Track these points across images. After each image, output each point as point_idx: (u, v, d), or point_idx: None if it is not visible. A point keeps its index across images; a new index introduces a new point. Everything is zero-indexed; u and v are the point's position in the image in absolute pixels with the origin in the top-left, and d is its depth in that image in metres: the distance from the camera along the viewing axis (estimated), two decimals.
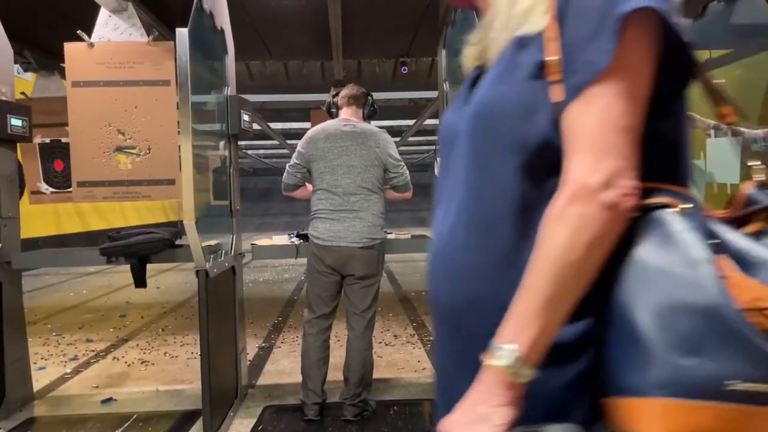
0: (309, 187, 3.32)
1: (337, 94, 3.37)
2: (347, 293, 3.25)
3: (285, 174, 3.29)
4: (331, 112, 3.41)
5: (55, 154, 4.39)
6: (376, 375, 4.01)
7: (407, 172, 3.30)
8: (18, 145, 3.67)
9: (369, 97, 3.37)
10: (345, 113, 3.29)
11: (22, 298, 3.68)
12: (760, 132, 3.03)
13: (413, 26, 5.17)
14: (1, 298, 3.40)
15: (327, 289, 3.22)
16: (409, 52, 6.33)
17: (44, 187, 4.39)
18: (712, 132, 3.21)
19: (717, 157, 3.17)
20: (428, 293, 0.96)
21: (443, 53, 3.70)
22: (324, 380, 3.26)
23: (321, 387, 3.25)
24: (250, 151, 18.25)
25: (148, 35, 3.54)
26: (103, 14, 3.55)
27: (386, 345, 4.95)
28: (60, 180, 4.40)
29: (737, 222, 0.83)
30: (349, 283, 3.21)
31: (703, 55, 3.78)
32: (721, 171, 3.16)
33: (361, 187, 3.14)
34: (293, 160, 3.26)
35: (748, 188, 0.86)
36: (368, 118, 3.38)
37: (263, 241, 3.67)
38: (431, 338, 5.12)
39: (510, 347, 0.76)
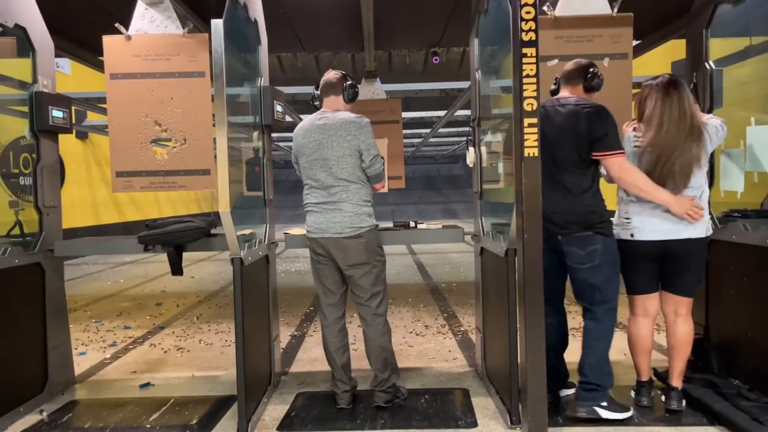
0: None
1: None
2: (348, 285, 3.29)
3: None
4: (315, 105, 3.35)
5: None
6: (407, 364, 4.04)
7: (381, 163, 3.22)
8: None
9: (346, 80, 3.27)
10: (325, 105, 3.26)
11: (64, 285, 3.79)
12: None
13: (445, 16, 5.13)
14: (45, 284, 3.52)
15: (329, 277, 3.27)
16: (440, 42, 6.29)
17: None
18: (752, 120, 3.14)
19: (757, 146, 3.09)
20: None
21: (476, 42, 3.63)
22: (348, 368, 3.30)
23: (347, 375, 3.29)
24: (282, 143, 18.38)
25: (184, 27, 3.60)
26: (140, 7, 3.62)
27: (417, 335, 4.96)
28: None
29: None
30: (347, 276, 3.24)
31: (743, 42, 3.68)
32: (761, 160, 3.08)
33: (338, 178, 3.14)
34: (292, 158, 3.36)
35: None
36: (350, 101, 3.29)
37: (295, 230, 3.71)
38: (462, 329, 5.12)
39: None
